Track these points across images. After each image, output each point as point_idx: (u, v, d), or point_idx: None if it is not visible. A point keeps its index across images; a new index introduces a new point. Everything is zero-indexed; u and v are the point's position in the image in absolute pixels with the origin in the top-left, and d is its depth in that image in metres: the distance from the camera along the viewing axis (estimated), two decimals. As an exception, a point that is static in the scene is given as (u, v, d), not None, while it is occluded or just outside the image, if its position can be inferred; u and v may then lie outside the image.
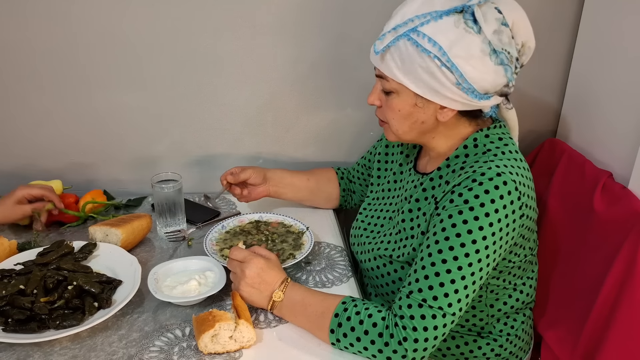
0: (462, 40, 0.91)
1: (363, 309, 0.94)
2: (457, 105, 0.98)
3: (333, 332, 0.95)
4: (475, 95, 0.95)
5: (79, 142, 1.51)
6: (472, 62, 0.92)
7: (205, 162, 1.57)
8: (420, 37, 0.92)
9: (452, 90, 0.95)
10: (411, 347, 0.88)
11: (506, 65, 0.93)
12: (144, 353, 0.95)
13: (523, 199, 0.96)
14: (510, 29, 0.93)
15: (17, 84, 1.42)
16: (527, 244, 1.07)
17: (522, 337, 1.18)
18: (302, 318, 1.00)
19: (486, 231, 0.91)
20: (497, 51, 0.92)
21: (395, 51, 0.96)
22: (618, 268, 1.08)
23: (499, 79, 0.95)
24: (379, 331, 0.91)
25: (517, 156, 1.02)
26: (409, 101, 1.00)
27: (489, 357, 1.14)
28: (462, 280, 0.90)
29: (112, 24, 1.38)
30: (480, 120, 1.05)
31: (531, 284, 1.16)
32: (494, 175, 0.93)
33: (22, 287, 1.01)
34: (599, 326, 1.11)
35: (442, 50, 0.91)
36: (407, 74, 0.96)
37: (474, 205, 0.92)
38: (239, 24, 1.41)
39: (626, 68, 1.23)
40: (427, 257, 0.93)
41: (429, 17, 0.92)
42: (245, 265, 1.02)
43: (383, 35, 0.97)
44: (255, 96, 1.50)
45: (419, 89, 0.97)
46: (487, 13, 0.92)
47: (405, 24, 0.94)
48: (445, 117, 1.00)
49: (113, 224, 1.23)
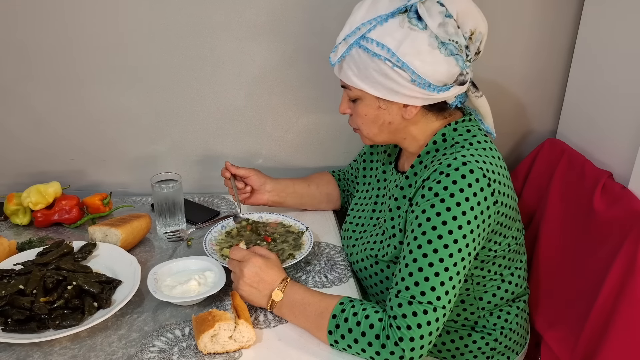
0: (408, 38, 0.95)
1: (360, 309, 0.94)
2: (418, 101, 1.01)
3: (331, 333, 0.95)
4: (433, 89, 0.98)
5: (78, 143, 1.51)
6: (422, 57, 0.95)
7: (205, 162, 1.57)
8: (369, 42, 0.97)
9: (410, 88, 0.98)
10: (408, 346, 0.88)
11: (456, 54, 0.96)
12: (143, 353, 0.95)
13: (494, 185, 0.97)
14: (454, 19, 0.96)
15: (15, 85, 1.42)
16: (509, 233, 1.07)
17: (517, 330, 1.18)
18: (302, 318, 1.00)
19: (460, 220, 0.93)
20: (445, 43, 0.95)
21: (350, 60, 1.00)
22: (618, 268, 1.08)
23: (452, 69, 0.98)
24: (375, 333, 0.91)
25: (486, 145, 1.04)
26: (372, 105, 1.04)
27: (485, 352, 1.15)
28: (446, 272, 0.91)
29: (111, 24, 1.38)
30: (447, 113, 1.07)
31: (519, 274, 1.16)
32: (459, 165, 0.96)
33: (21, 287, 1.01)
34: (599, 326, 1.11)
35: (391, 51, 0.95)
36: (365, 79, 1.00)
37: (444, 197, 0.94)
38: (239, 24, 1.41)
39: (626, 68, 1.23)
40: (409, 255, 0.94)
41: (374, 23, 0.96)
42: (244, 265, 1.03)
43: (335, 47, 1.02)
44: (255, 96, 1.50)
45: (379, 92, 1.01)
46: (430, 8, 0.95)
47: (354, 33, 0.98)
48: (410, 115, 1.03)
49: (112, 224, 1.23)
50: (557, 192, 1.37)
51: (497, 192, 0.98)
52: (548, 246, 1.35)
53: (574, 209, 1.30)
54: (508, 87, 1.55)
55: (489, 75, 1.52)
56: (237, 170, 1.33)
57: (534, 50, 1.50)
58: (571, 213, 1.31)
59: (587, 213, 1.24)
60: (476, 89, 1.08)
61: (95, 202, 1.38)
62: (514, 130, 1.61)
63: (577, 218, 1.28)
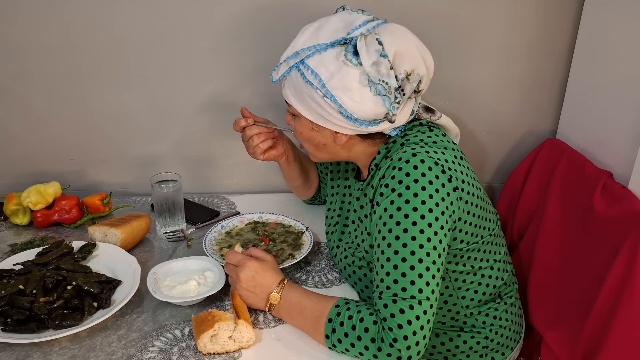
0: (340, 73, 0.95)
1: (355, 312, 0.94)
2: (347, 131, 1.02)
3: (328, 337, 0.95)
4: (361, 123, 0.99)
5: (78, 143, 1.51)
6: (349, 93, 0.96)
7: (205, 162, 1.57)
8: (305, 68, 0.98)
9: (338, 118, 0.99)
10: (403, 345, 0.88)
11: (384, 95, 0.96)
12: (143, 353, 0.95)
13: (449, 172, 0.98)
14: (389, 60, 0.95)
15: (15, 85, 1.42)
16: (480, 223, 1.07)
17: (508, 326, 1.17)
18: (300, 320, 1.00)
19: (421, 210, 0.93)
20: (375, 82, 0.95)
21: (289, 81, 1.02)
22: (618, 268, 1.08)
23: (378, 109, 0.97)
24: (371, 336, 0.91)
25: (438, 139, 1.04)
26: (306, 125, 1.06)
27: (477, 350, 1.15)
28: (421, 263, 0.92)
29: (111, 24, 1.38)
30: (387, 137, 1.07)
31: (499, 266, 1.15)
32: (409, 157, 0.96)
33: (21, 287, 1.01)
34: (599, 326, 1.11)
35: (322, 82, 0.96)
36: (300, 101, 1.02)
37: (401, 190, 0.95)
38: (239, 24, 1.41)
39: (626, 68, 1.23)
40: (382, 255, 0.95)
41: (313, 50, 0.97)
42: (240, 270, 1.03)
43: (277, 65, 1.03)
44: (255, 96, 1.50)
45: (311, 116, 1.03)
46: (369, 45, 0.95)
47: (295, 56, 0.99)
48: (340, 141, 1.05)
49: (112, 224, 1.23)
50: (557, 192, 1.37)
51: (455, 178, 0.98)
52: (548, 246, 1.35)
53: (574, 209, 1.30)
54: (508, 87, 1.55)
55: (489, 75, 1.52)
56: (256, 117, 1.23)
57: (534, 50, 1.50)
58: (571, 213, 1.31)
59: (587, 213, 1.23)
60: (432, 113, 1.08)
61: (95, 202, 1.38)
62: (514, 130, 1.61)
63: (577, 218, 1.28)
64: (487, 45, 1.48)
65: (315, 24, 1.01)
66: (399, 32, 0.99)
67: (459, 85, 1.52)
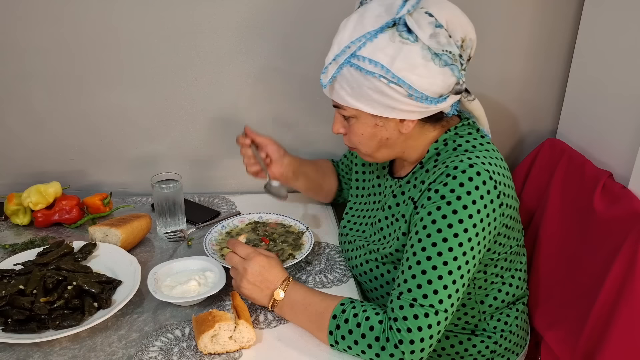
0: (402, 53, 0.92)
1: (361, 311, 0.94)
2: (416, 115, 0.99)
3: (331, 334, 0.95)
4: (430, 101, 0.96)
5: (78, 143, 1.51)
6: (417, 71, 0.92)
7: (205, 162, 1.57)
8: (361, 60, 0.93)
9: (407, 103, 0.95)
10: (407, 349, 0.88)
11: (451, 64, 0.94)
12: (143, 353, 0.95)
13: (500, 188, 0.97)
14: (445, 29, 0.94)
15: (15, 85, 1.42)
16: (512, 234, 1.07)
17: (516, 332, 1.17)
18: (303, 317, 1.00)
19: (466, 223, 0.92)
20: (439, 54, 0.93)
21: (342, 80, 0.97)
22: (618, 268, 1.08)
23: (448, 80, 0.95)
24: (375, 335, 0.91)
25: (489, 147, 1.03)
26: (369, 123, 1.02)
27: (485, 355, 1.14)
28: (450, 276, 0.91)
29: (110, 23, 1.38)
30: (445, 121, 1.06)
31: (520, 275, 1.16)
32: (466, 168, 0.95)
33: (21, 287, 1.01)
34: (599, 326, 1.11)
35: (385, 67, 0.92)
36: (359, 98, 0.97)
37: (451, 199, 0.93)
38: (239, 24, 1.41)
39: (626, 68, 1.23)
40: (412, 257, 0.94)
41: (364, 40, 0.93)
42: (247, 263, 1.02)
43: (325, 68, 0.99)
44: (256, 96, 1.50)
45: (375, 110, 0.98)
46: (419, 20, 0.92)
47: (344, 52, 0.95)
48: (407, 129, 1.02)
49: (113, 224, 1.23)
50: (557, 192, 1.37)
51: (503, 194, 0.97)
52: (548, 246, 1.35)
53: (574, 209, 1.30)
54: (508, 87, 1.55)
55: (489, 75, 1.52)
56: (257, 136, 1.26)
57: (534, 50, 1.50)
58: (571, 213, 1.31)
59: (587, 213, 1.24)
60: (468, 93, 1.06)
61: (96, 202, 1.38)
62: (514, 130, 1.61)
63: (577, 218, 1.28)
64: (487, 45, 1.48)
65: (354, 16, 0.97)
66: (443, 2, 0.96)
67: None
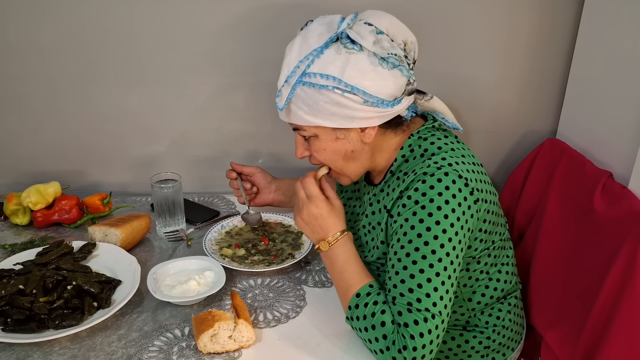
0: (350, 62, 0.94)
1: (381, 302, 0.95)
2: (375, 121, 1.00)
3: (350, 309, 0.97)
4: (387, 105, 0.98)
5: (78, 143, 1.51)
6: (368, 76, 0.95)
7: (205, 162, 1.57)
8: (312, 77, 0.96)
9: (364, 110, 0.97)
10: (410, 355, 0.89)
11: (399, 65, 0.96)
12: (143, 353, 0.95)
13: (472, 184, 0.98)
14: (387, 34, 0.97)
15: (15, 85, 1.42)
16: (493, 229, 1.08)
17: (510, 327, 1.17)
18: (336, 279, 1.02)
19: (444, 224, 0.94)
20: (385, 57, 0.95)
21: (297, 100, 0.99)
22: (618, 268, 1.08)
23: (399, 81, 0.98)
24: (384, 332, 0.92)
25: (455, 146, 1.04)
26: (329, 138, 1.03)
27: (479, 351, 1.15)
28: (438, 277, 0.92)
29: (111, 23, 1.38)
30: (405, 126, 1.07)
31: (507, 269, 1.16)
32: (434, 171, 0.97)
33: (21, 287, 1.01)
34: (599, 326, 1.11)
35: (337, 79, 0.94)
36: (317, 114, 0.99)
37: (424, 203, 0.95)
38: (239, 25, 1.41)
39: (626, 68, 1.23)
40: (398, 263, 0.95)
41: (311, 57, 0.96)
42: (308, 204, 1.05)
43: (279, 91, 1.01)
44: (255, 96, 1.50)
45: (335, 123, 0.99)
46: (360, 30, 0.96)
47: (294, 72, 0.97)
48: (369, 138, 1.03)
49: (112, 224, 1.23)
50: (557, 192, 1.37)
51: (476, 190, 0.99)
52: (548, 246, 1.35)
53: (574, 209, 1.30)
54: (508, 87, 1.55)
55: (490, 75, 1.52)
56: (243, 168, 1.35)
57: (534, 50, 1.50)
58: (571, 213, 1.31)
59: (587, 213, 1.23)
60: (423, 94, 1.08)
61: (95, 202, 1.38)
62: (514, 130, 1.61)
63: (577, 218, 1.28)
64: (487, 45, 1.48)
65: (298, 38, 0.99)
66: (379, 13, 1.01)
67: (459, 86, 1.53)
